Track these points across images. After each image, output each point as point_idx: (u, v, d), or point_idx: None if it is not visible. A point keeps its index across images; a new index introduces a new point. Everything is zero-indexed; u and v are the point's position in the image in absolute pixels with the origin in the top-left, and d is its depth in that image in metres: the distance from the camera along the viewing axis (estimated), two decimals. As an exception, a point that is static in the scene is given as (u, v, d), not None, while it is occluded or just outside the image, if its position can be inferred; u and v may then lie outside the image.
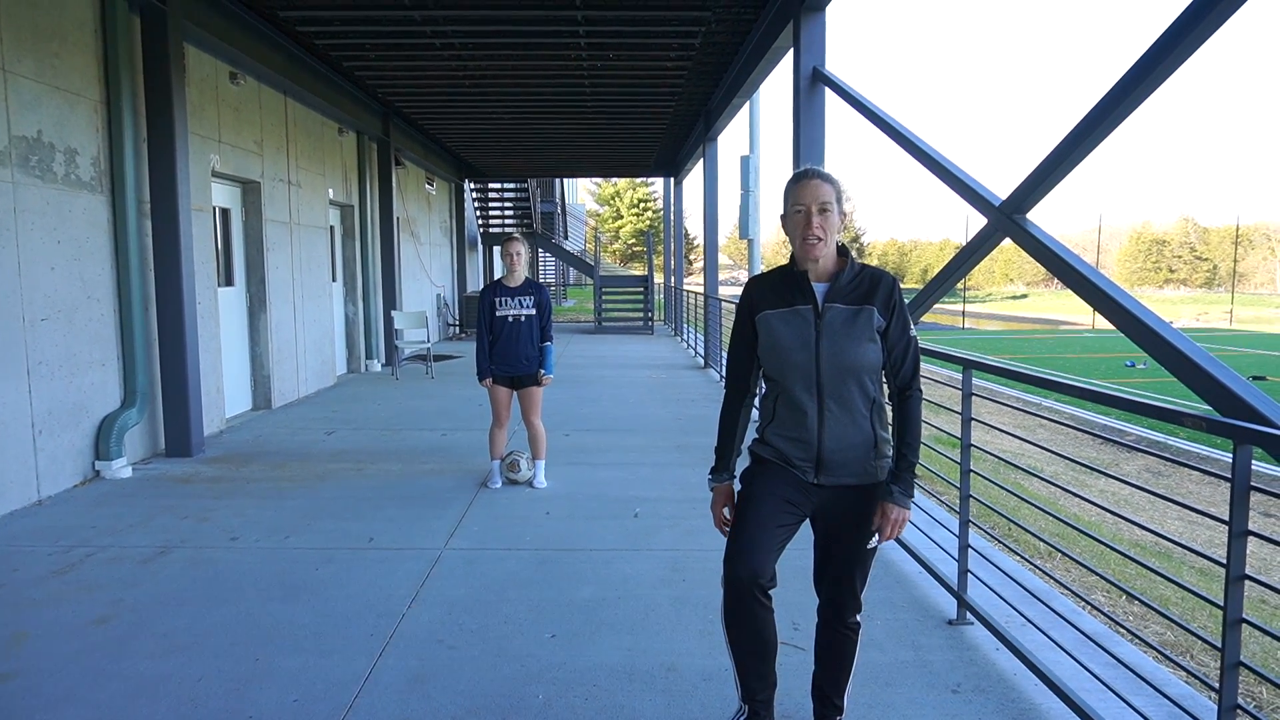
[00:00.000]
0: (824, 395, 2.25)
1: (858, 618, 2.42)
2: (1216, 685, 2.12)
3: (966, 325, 40.76)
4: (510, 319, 5.32)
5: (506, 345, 5.33)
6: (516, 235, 5.39)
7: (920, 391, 2.32)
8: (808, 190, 2.23)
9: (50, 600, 3.62)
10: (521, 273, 5.38)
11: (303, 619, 3.43)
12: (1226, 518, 2.06)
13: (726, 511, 2.46)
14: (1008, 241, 4.23)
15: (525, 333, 5.34)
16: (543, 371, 5.42)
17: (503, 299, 5.34)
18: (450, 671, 3.00)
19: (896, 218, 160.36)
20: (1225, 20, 2.86)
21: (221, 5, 6.99)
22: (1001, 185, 4.14)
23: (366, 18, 7.78)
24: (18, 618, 3.44)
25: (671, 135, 14.59)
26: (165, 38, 6.08)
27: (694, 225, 61.25)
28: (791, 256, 2.35)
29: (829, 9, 6.33)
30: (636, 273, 41.23)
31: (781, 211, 2.33)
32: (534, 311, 5.36)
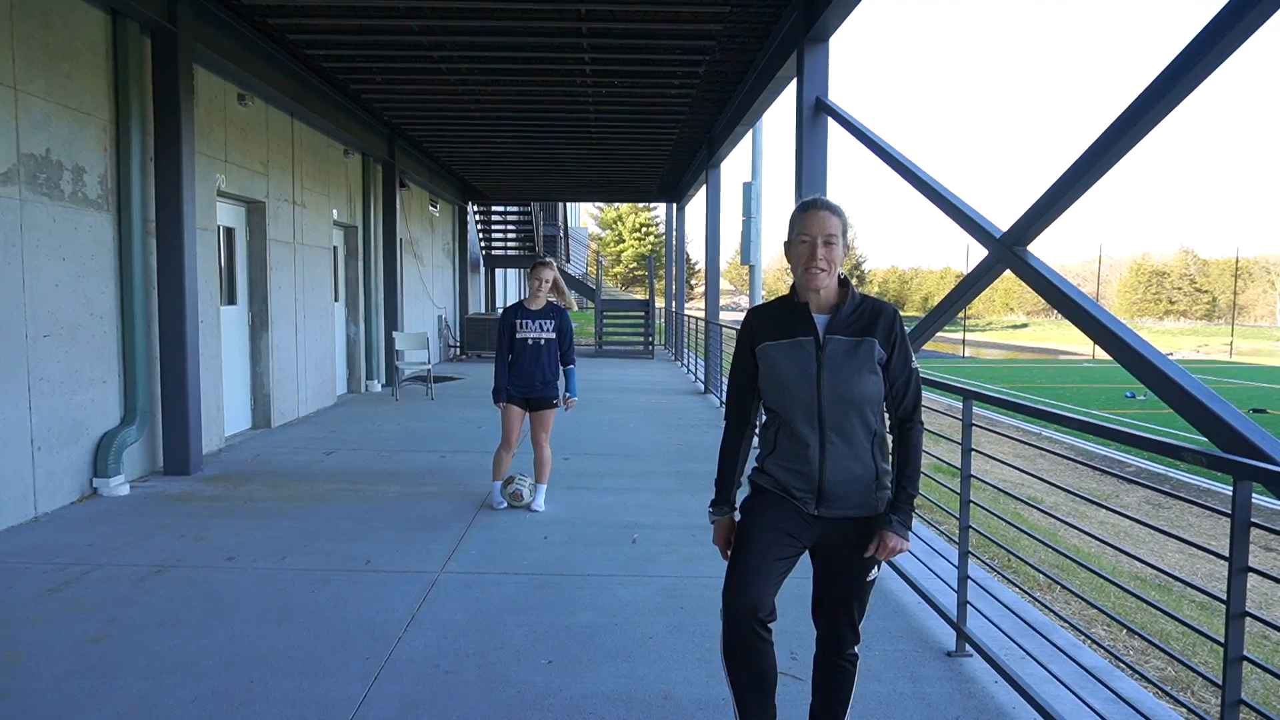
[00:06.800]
0: (825, 427, 2.25)
1: (856, 649, 2.41)
2: (1217, 723, 2.10)
3: (967, 354, 40.79)
4: (530, 341, 5.37)
5: (524, 367, 5.38)
6: (547, 260, 5.46)
7: (921, 424, 2.32)
8: (814, 221, 2.24)
9: (44, 619, 3.60)
10: (544, 297, 5.43)
11: (298, 641, 3.41)
12: (1227, 553, 2.06)
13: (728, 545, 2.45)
14: (1009, 271, 4.25)
15: (544, 356, 5.40)
16: (567, 394, 5.52)
17: (523, 321, 5.39)
18: (445, 697, 2.97)
19: (898, 246, 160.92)
20: (1227, 57, 2.89)
21: (231, 27, 7.07)
22: (1001, 209, 4.17)
23: (374, 42, 7.87)
24: (11, 635, 3.42)
25: (675, 161, 14.70)
26: (175, 59, 6.15)
27: (696, 250, 61.45)
28: (792, 287, 2.36)
29: (832, 39, 6.41)
30: (638, 297, 41.36)
31: (786, 239, 2.34)
32: (554, 335, 5.42)
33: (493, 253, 22.61)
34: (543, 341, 5.39)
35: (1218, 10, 2.87)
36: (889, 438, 2.36)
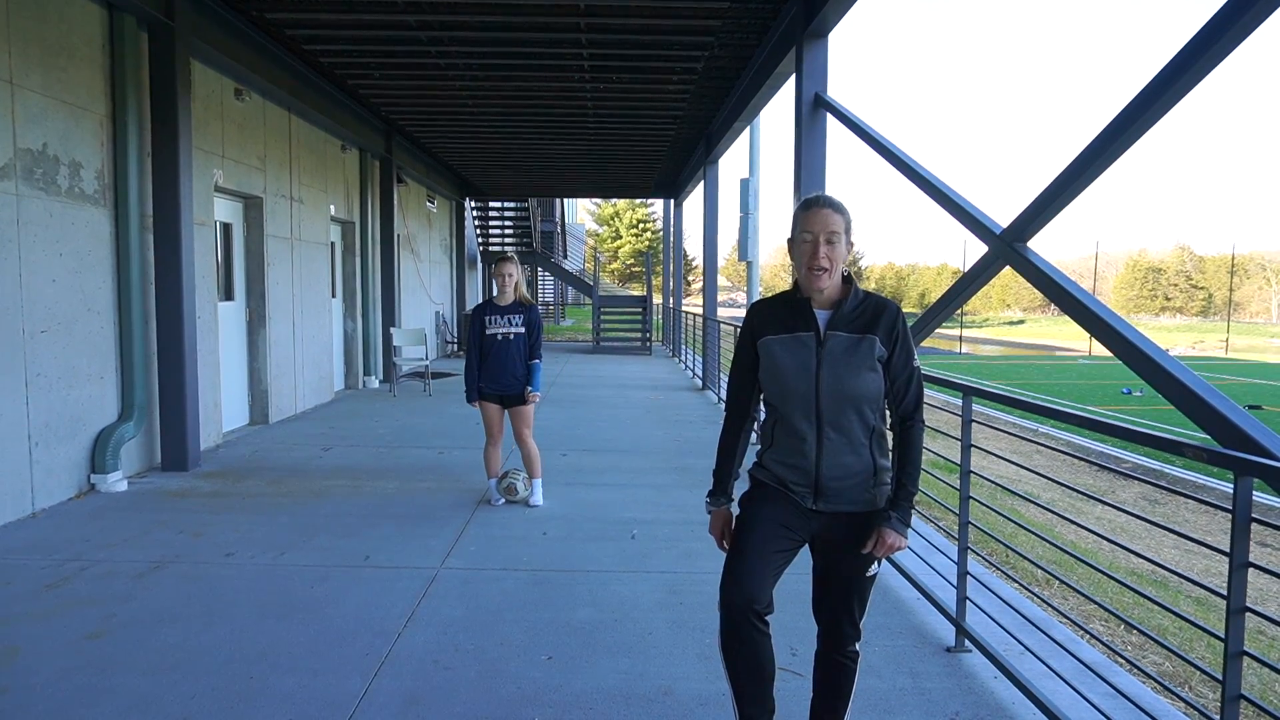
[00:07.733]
0: (823, 423, 2.25)
1: (857, 646, 2.41)
2: (1217, 718, 2.11)
3: (964, 350, 40.84)
4: (499, 337, 5.35)
5: (495, 363, 5.36)
6: (509, 255, 5.43)
7: (923, 422, 2.32)
8: (817, 219, 2.23)
9: (42, 615, 3.60)
10: (511, 293, 5.41)
11: (298, 637, 3.41)
12: (1226, 549, 2.06)
13: (724, 536, 2.45)
14: (1007, 268, 4.25)
15: (514, 351, 5.37)
16: (530, 389, 5.44)
17: (492, 317, 5.37)
18: (446, 693, 2.97)
19: (895, 242, 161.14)
20: (1225, 55, 2.89)
21: (228, 22, 7.04)
22: (999, 204, 4.17)
23: (372, 36, 7.84)
24: (9, 632, 3.41)
25: (673, 157, 14.68)
26: (172, 54, 6.12)
27: (693, 246, 61.39)
28: (795, 282, 2.36)
29: (831, 35, 6.40)
30: (635, 293, 41.32)
31: (789, 236, 2.34)
32: (523, 330, 5.39)
33: (490, 248, 22.60)
34: (512, 336, 5.37)
35: (1216, 10, 2.87)
36: (889, 434, 2.36)
